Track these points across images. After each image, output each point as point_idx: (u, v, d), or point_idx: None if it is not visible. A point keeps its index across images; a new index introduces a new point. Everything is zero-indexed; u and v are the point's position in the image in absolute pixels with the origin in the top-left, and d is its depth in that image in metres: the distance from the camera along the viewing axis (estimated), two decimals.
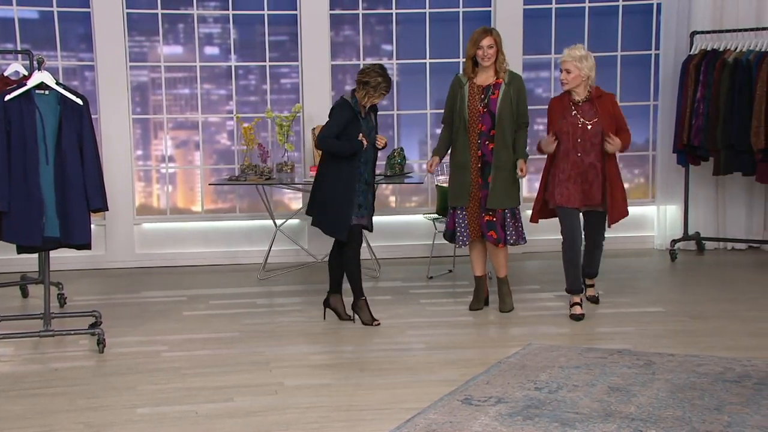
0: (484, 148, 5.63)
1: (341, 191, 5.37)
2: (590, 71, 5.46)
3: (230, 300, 6.29)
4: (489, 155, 5.62)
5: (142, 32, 7.51)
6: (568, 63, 5.44)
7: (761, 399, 4.04)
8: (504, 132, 5.59)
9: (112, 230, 7.41)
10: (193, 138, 7.69)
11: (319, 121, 7.38)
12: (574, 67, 5.43)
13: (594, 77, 5.52)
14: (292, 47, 7.65)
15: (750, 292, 6.25)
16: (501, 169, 5.60)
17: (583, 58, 5.44)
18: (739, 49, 7.11)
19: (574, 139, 5.46)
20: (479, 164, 5.64)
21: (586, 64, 5.44)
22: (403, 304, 5.89)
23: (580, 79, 5.46)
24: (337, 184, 5.37)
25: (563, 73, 5.47)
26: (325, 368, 4.71)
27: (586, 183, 5.48)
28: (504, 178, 5.62)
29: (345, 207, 5.36)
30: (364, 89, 5.37)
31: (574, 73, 5.44)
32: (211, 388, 4.39)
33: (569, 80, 5.46)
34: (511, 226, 5.68)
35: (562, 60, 5.48)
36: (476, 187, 5.66)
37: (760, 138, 6.81)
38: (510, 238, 5.68)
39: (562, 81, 5.49)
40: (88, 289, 6.70)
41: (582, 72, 5.43)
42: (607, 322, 5.48)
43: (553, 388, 4.25)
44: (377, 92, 5.37)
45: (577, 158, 5.47)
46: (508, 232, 5.67)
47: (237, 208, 7.69)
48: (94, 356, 4.96)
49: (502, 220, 5.66)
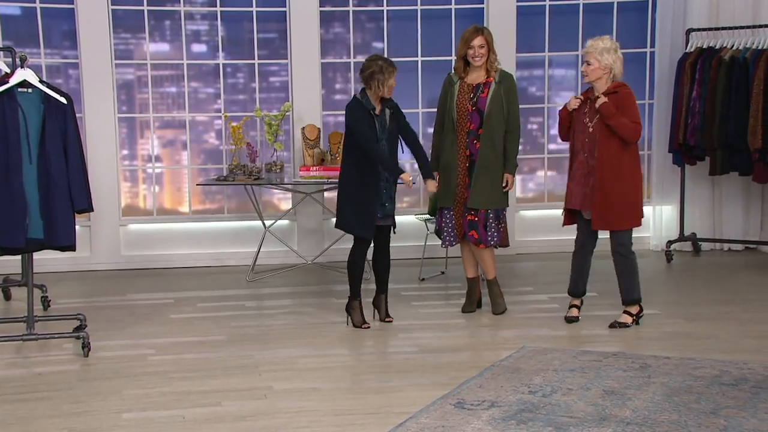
0: (472, 147, 5.63)
1: (364, 189, 5.39)
2: (613, 64, 5.26)
3: (218, 302, 6.28)
4: (476, 154, 5.63)
5: (128, 29, 7.50)
6: (590, 54, 5.28)
7: (758, 403, 4.06)
8: (492, 131, 5.59)
9: (98, 231, 7.39)
10: (180, 137, 7.68)
11: (309, 120, 7.40)
12: (595, 59, 5.25)
13: (619, 73, 5.31)
14: (281, 45, 7.65)
15: (747, 294, 6.28)
16: (486, 169, 5.60)
17: (606, 51, 5.24)
18: (736, 47, 7.14)
19: (582, 139, 5.36)
20: (467, 164, 5.65)
21: (608, 57, 5.24)
22: (395, 307, 5.90)
23: (601, 72, 5.27)
24: (360, 182, 5.40)
25: (584, 64, 5.33)
26: (315, 372, 4.71)
27: (587, 186, 5.35)
28: (488, 178, 5.60)
29: (370, 204, 5.39)
30: (374, 79, 5.34)
31: (594, 65, 5.26)
32: (199, 393, 4.38)
33: (588, 72, 5.29)
34: (494, 227, 5.66)
35: (585, 50, 5.34)
36: (463, 187, 5.66)
37: (757, 137, 6.84)
38: (491, 239, 5.67)
39: (583, 72, 5.33)
40: (73, 291, 6.68)
41: (602, 65, 5.25)
42: (601, 325, 5.49)
43: (547, 391, 4.26)
44: (385, 73, 5.34)
45: (584, 158, 5.36)
46: (489, 233, 5.66)
47: (225, 208, 7.69)
48: (79, 360, 4.95)
49: (485, 221, 5.65)
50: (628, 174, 5.29)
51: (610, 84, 5.31)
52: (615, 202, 5.27)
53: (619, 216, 5.29)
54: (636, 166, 5.35)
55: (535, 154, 7.95)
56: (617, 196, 5.27)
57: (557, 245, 7.71)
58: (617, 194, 5.27)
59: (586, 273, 5.57)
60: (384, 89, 5.36)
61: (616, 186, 5.26)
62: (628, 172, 5.29)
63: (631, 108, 5.26)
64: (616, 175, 5.26)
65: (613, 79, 5.31)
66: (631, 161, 5.32)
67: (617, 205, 5.28)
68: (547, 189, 7.97)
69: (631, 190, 5.32)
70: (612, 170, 5.26)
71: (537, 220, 7.86)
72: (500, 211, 5.69)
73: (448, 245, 5.75)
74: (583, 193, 5.36)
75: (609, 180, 5.26)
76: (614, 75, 5.30)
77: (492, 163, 5.60)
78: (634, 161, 5.33)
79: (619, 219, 5.30)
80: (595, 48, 5.27)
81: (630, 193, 5.31)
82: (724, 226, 7.76)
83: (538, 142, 7.98)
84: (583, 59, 5.37)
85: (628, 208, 5.31)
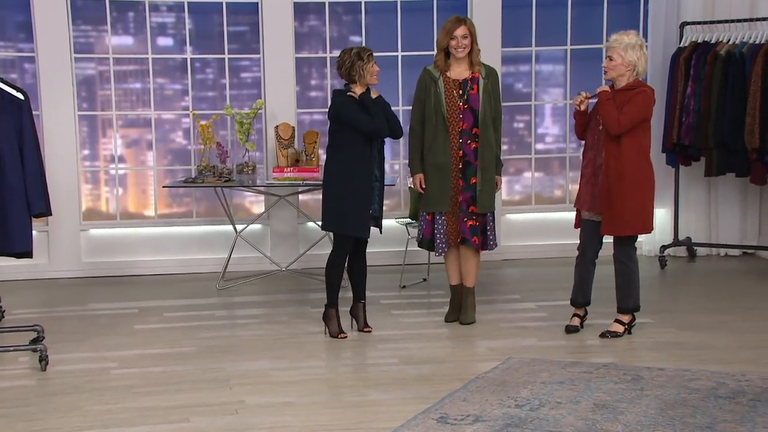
0: (466, 147, 5.64)
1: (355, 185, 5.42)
2: (637, 61, 5.25)
3: (186, 312, 6.25)
4: (471, 155, 5.64)
5: (88, 21, 7.46)
6: (614, 49, 5.25)
7: (756, 416, 4.09)
8: (488, 131, 5.62)
9: (56, 237, 7.34)
10: (145, 136, 7.64)
11: (283, 118, 7.39)
12: (618, 54, 5.24)
13: (643, 71, 5.32)
14: (253, 38, 7.63)
15: (744, 302, 6.32)
16: (488, 172, 5.64)
17: (631, 47, 5.23)
18: (732, 42, 7.20)
19: (593, 136, 5.38)
20: (460, 165, 5.66)
21: (632, 54, 5.23)
22: (374, 316, 5.90)
23: (624, 69, 5.26)
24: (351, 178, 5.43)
25: (606, 59, 5.30)
26: (290, 385, 4.70)
27: (596, 186, 5.34)
28: (489, 181, 5.65)
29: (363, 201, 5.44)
30: (355, 69, 5.40)
31: (617, 61, 5.24)
32: (165, 408, 4.36)
33: (610, 68, 5.27)
34: (490, 230, 5.72)
35: (608, 45, 5.31)
36: (457, 190, 5.67)
37: (755, 136, 6.89)
38: (491, 243, 5.72)
39: (604, 68, 5.31)
40: (29, 301, 6.63)
41: (626, 61, 5.24)
42: (592, 334, 5.52)
43: (534, 405, 4.27)
44: (365, 58, 5.39)
45: (592, 157, 5.37)
46: (489, 237, 5.71)
47: (194, 212, 7.66)
48: (36, 375, 4.91)
49: (484, 225, 5.69)
50: (634, 176, 5.26)
51: (631, 81, 5.30)
52: (618, 204, 5.27)
53: (625, 220, 5.29)
54: (647, 168, 5.33)
55: (522, 154, 7.98)
56: (620, 198, 5.26)
57: (545, 251, 7.74)
58: (620, 196, 5.26)
59: (589, 282, 5.55)
60: (368, 75, 5.40)
61: (620, 188, 5.26)
62: (634, 174, 5.26)
63: (634, 105, 5.22)
64: (619, 176, 5.25)
65: (636, 77, 5.31)
66: (640, 163, 5.29)
67: (622, 209, 5.27)
68: (534, 191, 8.00)
69: (639, 194, 5.29)
70: (617, 171, 5.26)
71: (524, 224, 7.89)
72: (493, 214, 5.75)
73: (442, 252, 5.75)
74: (592, 194, 5.38)
75: (614, 181, 5.27)
76: (638, 73, 5.31)
77: (490, 164, 5.65)
78: (644, 163, 5.31)
79: (625, 224, 5.30)
80: (619, 43, 5.25)
81: (637, 196, 5.28)
82: (721, 230, 7.82)
83: (525, 142, 8.01)
84: (606, 54, 5.32)
85: (635, 212, 5.29)
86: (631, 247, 5.42)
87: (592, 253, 5.50)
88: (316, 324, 5.79)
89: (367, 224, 5.51)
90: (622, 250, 5.40)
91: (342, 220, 5.47)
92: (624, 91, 5.28)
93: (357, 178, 5.43)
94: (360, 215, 5.46)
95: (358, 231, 5.48)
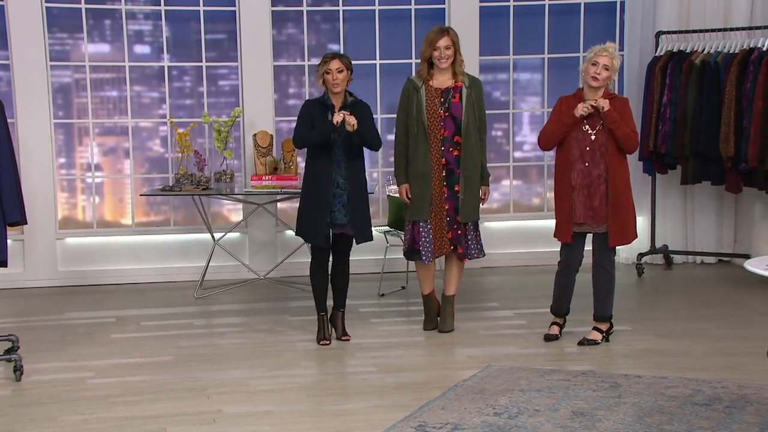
0: (448, 155, 5.66)
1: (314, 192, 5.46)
2: (615, 74, 5.36)
3: (164, 321, 6.22)
4: (454, 163, 5.66)
5: (64, 28, 7.41)
6: (607, 58, 5.26)
7: (732, 423, 4.12)
8: (470, 139, 5.64)
9: (32, 245, 7.29)
10: (122, 144, 7.60)
11: (261, 126, 7.38)
12: (612, 62, 5.28)
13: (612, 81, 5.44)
14: (230, 46, 7.62)
15: (720, 309, 6.37)
16: (470, 180, 5.65)
17: (616, 58, 5.31)
18: (707, 51, 7.26)
19: (582, 147, 5.36)
20: (443, 173, 5.67)
21: (617, 63, 5.32)
22: (353, 324, 5.89)
23: (610, 80, 5.36)
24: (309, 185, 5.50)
25: (598, 67, 5.26)
26: (268, 394, 4.69)
27: (591, 197, 5.35)
28: (473, 190, 5.67)
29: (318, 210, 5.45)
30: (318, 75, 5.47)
31: (610, 71, 5.29)
32: (142, 418, 4.33)
33: (603, 78, 5.28)
34: (473, 239, 5.73)
35: (600, 54, 5.27)
36: (440, 198, 5.68)
37: (730, 145, 6.95)
38: (475, 252, 5.73)
39: (594, 76, 5.27)
40: (4, 310, 6.57)
41: (613, 73, 5.32)
42: (570, 342, 5.54)
43: (513, 413, 4.28)
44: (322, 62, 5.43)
45: (584, 168, 5.35)
46: (470, 245, 5.72)
47: (171, 220, 7.62)
48: (11, 385, 4.87)
49: (466, 234, 5.71)
50: (629, 186, 5.43)
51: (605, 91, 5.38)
52: (625, 215, 5.38)
53: (631, 230, 5.43)
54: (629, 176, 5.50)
55: (500, 162, 8.01)
56: (627, 209, 5.39)
57: (524, 258, 7.76)
58: (627, 207, 5.39)
59: (570, 291, 5.59)
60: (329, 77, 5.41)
61: (627, 198, 5.39)
62: (629, 184, 5.43)
63: (630, 117, 5.38)
64: (626, 187, 5.38)
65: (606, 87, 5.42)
66: (629, 172, 5.46)
67: (628, 219, 5.40)
68: (513, 199, 8.03)
69: (632, 203, 5.48)
70: (623, 182, 5.36)
71: (502, 232, 7.91)
72: (477, 222, 5.76)
73: (428, 261, 5.74)
74: (589, 207, 5.37)
75: (622, 193, 5.35)
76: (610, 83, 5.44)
77: (473, 172, 5.67)
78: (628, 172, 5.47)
79: (630, 233, 5.44)
80: (611, 53, 5.29)
81: (632, 205, 5.47)
82: (697, 238, 7.87)
83: (503, 150, 8.04)
84: (601, 62, 5.28)
85: (634, 221, 5.47)
86: (613, 255, 5.51)
87: (578, 264, 5.55)
88: (295, 332, 5.78)
89: (322, 232, 5.48)
90: (608, 258, 5.46)
91: (301, 227, 5.55)
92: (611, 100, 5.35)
93: (316, 185, 5.48)
94: (315, 223, 5.47)
95: (312, 238, 5.52)
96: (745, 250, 7.64)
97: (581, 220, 5.41)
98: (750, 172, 6.96)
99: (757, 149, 6.79)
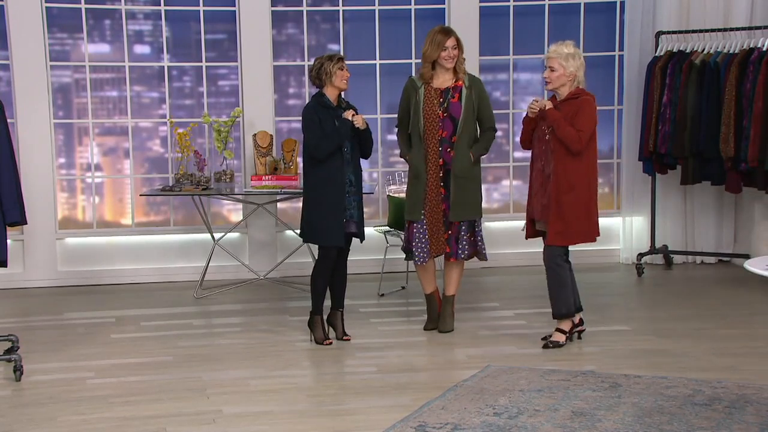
0: (445, 155, 5.66)
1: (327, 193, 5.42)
2: (577, 71, 5.32)
3: (163, 321, 6.22)
4: (451, 163, 5.65)
5: (64, 28, 7.41)
6: (554, 59, 5.30)
7: (732, 423, 4.11)
8: (467, 139, 5.65)
9: (31, 246, 7.29)
10: (122, 145, 7.60)
11: (261, 126, 7.38)
12: (559, 65, 5.29)
13: (582, 79, 5.38)
14: (230, 46, 7.62)
15: (720, 309, 6.37)
16: (464, 180, 5.64)
17: (570, 56, 5.29)
18: (707, 51, 7.26)
19: (540, 146, 5.39)
20: (440, 173, 5.67)
21: (572, 63, 5.29)
22: (353, 324, 5.89)
23: (565, 79, 5.31)
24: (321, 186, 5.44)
25: (547, 70, 5.34)
26: (268, 394, 4.69)
27: (543, 195, 5.37)
28: (466, 190, 5.65)
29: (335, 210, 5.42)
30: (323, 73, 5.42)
31: (558, 72, 5.30)
32: (142, 418, 4.33)
33: (552, 79, 5.32)
34: (465, 239, 5.70)
35: (547, 56, 5.35)
36: (436, 199, 5.68)
37: (730, 145, 6.95)
38: (462, 252, 5.70)
39: (545, 79, 5.36)
40: (4, 310, 6.57)
41: (567, 71, 5.30)
42: (570, 342, 5.53)
43: (513, 413, 4.27)
44: (333, 61, 5.41)
45: (540, 167, 5.39)
46: (460, 246, 5.69)
47: (171, 220, 7.62)
48: (10, 385, 4.86)
49: (457, 234, 5.69)
50: (583, 187, 5.31)
51: (572, 90, 5.35)
52: (568, 214, 5.29)
53: (574, 230, 5.32)
54: (593, 178, 5.40)
55: (500, 162, 8.01)
56: (570, 208, 5.28)
57: (524, 258, 7.76)
58: (570, 207, 5.28)
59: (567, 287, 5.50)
60: (336, 77, 5.41)
61: (574, 198, 5.28)
62: (583, 185, 5.31)
63: (583, 116, 5.27)
64: (571, 187, 5.27)
65: (577, 86, 5.36)
66: (587, 172, 5.34)
67: (572, 219, 5.30)
68: (513, 199, 8.03)
69: (587, 204, 5.35)
70: (567, 182, 5.27)
71: (502, 231, 7.90)
72: (475, 222, 5.73)
73: (421, 262, 5.73)
74: (542, 204, 5.39)
75: (565, 191, 5.28)
76: (579, 82, 5.36)
77: (468, 172, 5.65)
78: (589, 172, 5.35)
79: (574, 233, 5.33)
80: (559, 54, 5.30)
81: (585, 206, 5.33)
82: (697, 238, 7.87)
83: (503, 150, 8.03)
84: (545, 64, 5.38)
85: (583, 222, 5.34)
86: (560, 252, 5.40)
87: None
88: (294, 332, 5.78)
89: (341, 232, 5.47)
90: (550, 255, 5.39)
91: (318, 230, 5.48)
92: (569, 101, 5.32)
93: (330, 185, 5.44)
94: (332, 224, 5.45)
95: (333, 240, 5.47)
96: (745, 250, 7.64)
97: (537, 217, 5.44)
98: (750, 172, 6.95)
99: (757, 149, 6.79)
